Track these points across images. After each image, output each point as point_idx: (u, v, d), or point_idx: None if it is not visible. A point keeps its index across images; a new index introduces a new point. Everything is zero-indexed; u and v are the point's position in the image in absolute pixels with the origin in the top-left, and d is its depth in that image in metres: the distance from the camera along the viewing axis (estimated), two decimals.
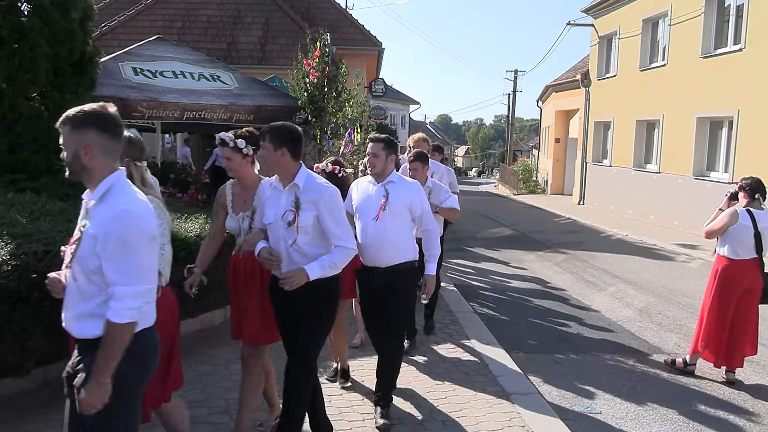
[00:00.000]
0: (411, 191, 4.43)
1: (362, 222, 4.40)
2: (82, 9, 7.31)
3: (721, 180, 14.25)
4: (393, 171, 4.48)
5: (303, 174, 3.62)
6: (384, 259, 4.35)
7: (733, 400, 5.32)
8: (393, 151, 4.43)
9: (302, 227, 3.55)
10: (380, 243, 4.34)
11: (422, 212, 4.46)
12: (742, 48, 13.91)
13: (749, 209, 5.55)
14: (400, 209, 4.38)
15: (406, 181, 4.55)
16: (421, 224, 4.49)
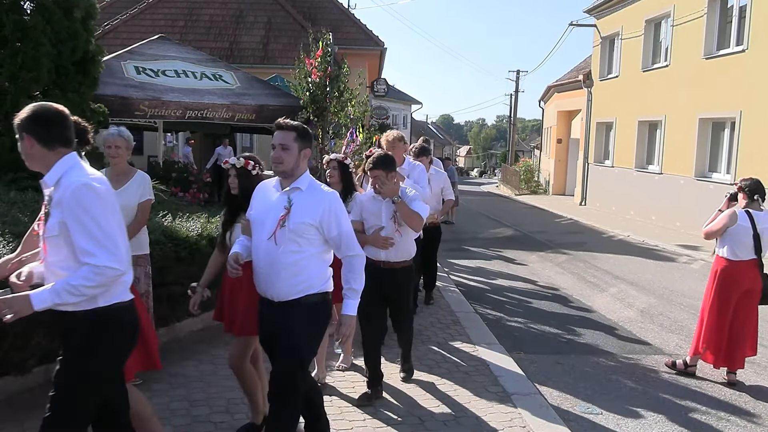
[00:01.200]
0: (323, 204, 3.33)
1: (254, 239, 3.44)
2: (84, 8, 7.32)
3: (723, 181, 14.24)
4: (306, 173, 3.44)
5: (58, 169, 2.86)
6: (278, 292, 3.35)
7: (734, 401, 5.32)
8: (308, 144, 3.44)
9: (47, 238, 2.78)
10: (274, 270, 3.33)
11: (339, 234, 3.34)
12: (744, 49, 13.90)
13: (748, 210, 5.55)
14: (304, 228, 3.30)
15: (320, 189, 3.42)
16: (339, 249, 3.39)
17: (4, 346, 4.17)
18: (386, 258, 4.74)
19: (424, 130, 57.52)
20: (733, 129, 14.43)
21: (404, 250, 4.82)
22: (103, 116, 7.78)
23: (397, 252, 4.77)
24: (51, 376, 4.52)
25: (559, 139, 28.74)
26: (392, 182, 4.57)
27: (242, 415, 4.38)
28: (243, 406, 4.53)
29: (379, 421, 4.44)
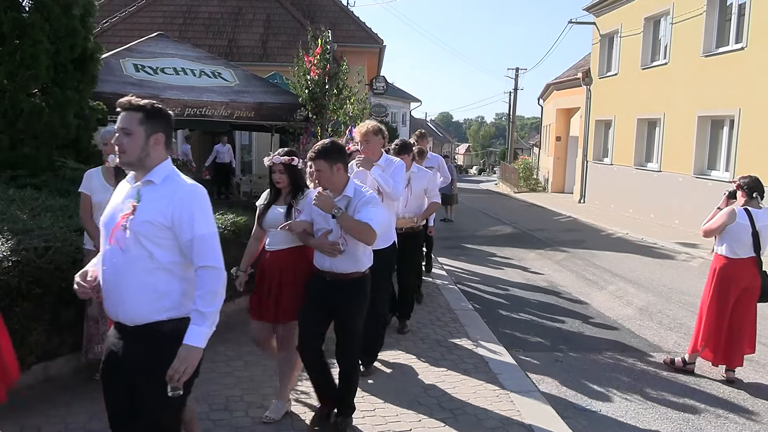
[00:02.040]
0: (175, 199, 2.68)
1: (102, 246, 2.78)
2: (83, 5, 7.32)
3: (722, 179, 14.24)
4: (164, 164, 2.77)
5: None
6: (125, 313, 2.69)
7: (732, 398, 5.33)
8: (160, 128, 2.75)
9: None
10: (117, 284, 2.68)
11: (192, 238, 2.66)
12: (743, 47, 13.90)
13: (747, 208, 5.56)
14: (152, 229, 2.65)
15: (177, 182, 2.76)
16: (191, 257, 2.68)
17: None
18: (331, 267, 4.06)
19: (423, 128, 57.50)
20: (732, 127, 14.44)
21: (354, 260, 4.09)
22: (102, 114, 7.78)
23: (345, 261, 4.06)
24: (50, 375, 4.55)
25: (558, 136, 28.74)
26: (338, 175, 3.99)
27: (241, 413, 4.39)
28: (242, 403, 4.54)
29: (378, 419, 4.45)
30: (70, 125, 7.08)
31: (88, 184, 4.78)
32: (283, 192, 4.30)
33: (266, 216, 4.28)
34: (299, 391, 4.80)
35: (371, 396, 4.84)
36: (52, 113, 6.87)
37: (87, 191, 4.77)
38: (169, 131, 2.81)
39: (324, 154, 3.95)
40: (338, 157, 4.01)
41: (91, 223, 4.72)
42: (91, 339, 4.78)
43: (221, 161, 15.64)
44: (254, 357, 5.31)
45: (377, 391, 4.94)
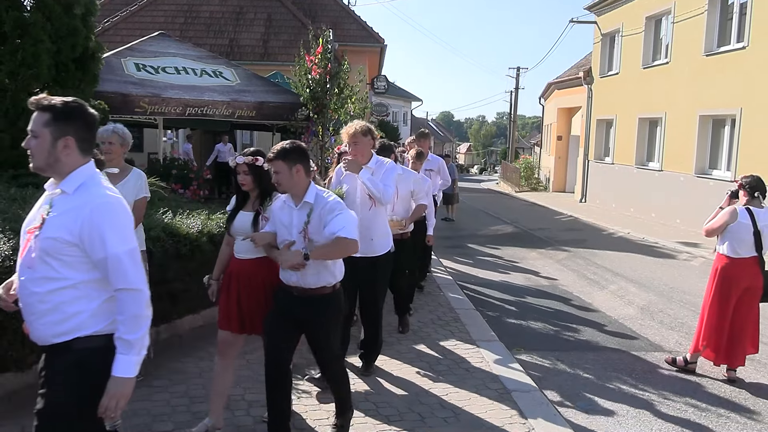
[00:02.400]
0: (83, 213, 2.41)
1: None
2: (84, 5, 7.30)
3: (724, 178, 14.23)
4: (80, 169, 2.51)
5: None
6: (36, 334, 2.51)
7: (734, 398, 5.33)
8: (68, 131, 2.46)
9: None
10: (24, 301, 2.51)
11: (106, 257, 2.40)
12: (745, 46, 13.88)
13: (749, 207, 5.55)
14: (58, 246, 2.41)
15: (89, 193, 2.49)
16: (107, 277, 2.44)
17: (3, 343, 4.17)
18: (298, 282, 3.75)
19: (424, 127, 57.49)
20: (733, 126, 14.42)
21: (321, 274, 3.75)
22: (103, 113, 7.77)
23: (313, 275, 3.72)
24: None
25: (559, 136, 28.72)
26: (298, 178, 3.66)
27: (242, 412, 4.40)
28: (243, 402, 4.55)
29: (380, 418, 4.45)
30: None
31: None
32: (251, 196, 3.99)
33: (234, 222, 3.99)
34: (300, 390, 4.80)
35: (373, 395, 4.85)
36: None
37: None
38: (84, 134, 2.50)
39: (282, 155, 3.65)
40: (298, 158, 3.68)
41: None
42: None
43: (222, 160, 15.65)
44: (255, 356, 5.31)
45: (379, 390, 4.94)
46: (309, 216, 3.69)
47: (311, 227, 3.69)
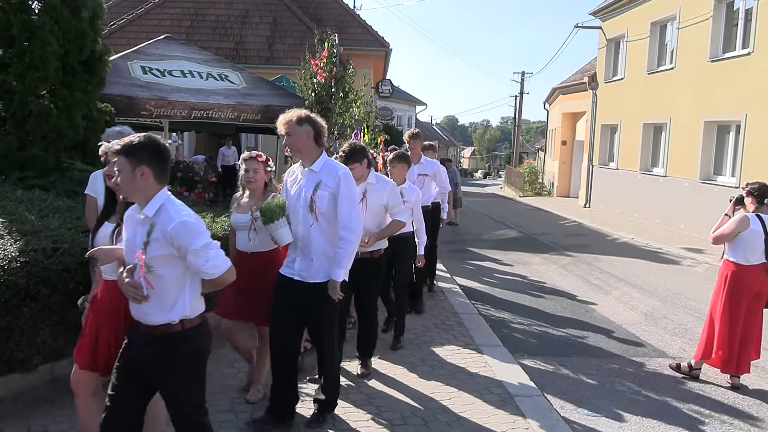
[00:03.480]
0: None
1: None
2: (92, 8, 7.37)
3: (728, 184, 14.21)
4: None
5: None
6: None
7: (737, 404, 5.31)
8: None
9: None
10: None
11: None
12: (750, 52, 13.88)
13: (759, 214, 5.54)
14: None
15: None
16: None
17: (9, 344, 4.19)
18: (138, 316, 3.01)
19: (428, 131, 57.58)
20: (738, 132, 14.41)
21: (163, 309, 2.95)
22: (110, 116, 7.83)
23: (153, 311, 2.96)
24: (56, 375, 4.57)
25: (563, 141, 28.70)
26: (142, 183, 2.91)
27: (246, 415, 4.40)
28: (247, 405, 4.55)
29: (383, 421, 4.46)
30: (78, 127, 7.12)
31: (93, 186, 4.80)
32: (119, 202, 3.33)
33: (97, 234, 3.37)
34: (303, 393, 4.81)
35: (376, 399, 4.85)
36: (60, 115, 6.91)
37: (93, 193, 4.78)
38: None
39: (127, 151, 2.90)
40: (147, 158, 2.92)
41: None
42: None
43: (226, 164, 15.70)
44: None
45: (382, 394, 4.95)
46: (149, 235, 2.89)
47: (150, 249, 2.88)
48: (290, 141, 4.03)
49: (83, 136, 7.26)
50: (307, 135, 4.02)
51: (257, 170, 4.52)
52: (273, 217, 3.97)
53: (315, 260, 4.07)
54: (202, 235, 2.90)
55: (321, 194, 4.02)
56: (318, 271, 4.07)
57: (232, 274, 2.99)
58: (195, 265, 2.89)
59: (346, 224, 4.02)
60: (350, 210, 4.03)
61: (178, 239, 2.86)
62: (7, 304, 4.09)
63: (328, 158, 4.17)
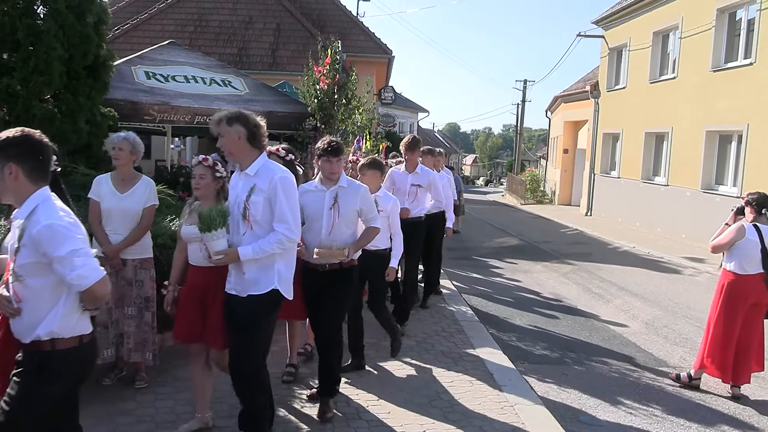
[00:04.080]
0: None
1: None
2: (97, 13, 7.39)
3: (730, 194, 14.22)
4: None
5: None
6: None
7: (738, 415, 5.31)
8: None
9: None
10: None
11: None
12: (752, 62, 13.91)
13: (756, 224, 5.56)
14: None
15: None
16: None
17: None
18: (14, 332, 2.77)
19: (430, 138, 57.64)
20: (740, 142, 14.42)
21: (29, 328, 2.68)
22: (113, 120, 7.85)
23: (21, 328, 2.71)
24: None
25: (565, 149, 28.74)
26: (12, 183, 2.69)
27: None
28: None
29: (384, 428, 4.45)
30: (82, 131, 7.14)
31: (97, 190, 4.83)
32: None
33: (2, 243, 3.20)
34: (304, 398, 4.81)
35: (377, 406, 4.85)
36: (64, 119, 6.94)
37: (96, 197, 4.82)
38: None
39: None
40: (16, 154, 2.68)
41: (100, 229, 4.77)
42: (100, 344, 4.79)
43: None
44: None
45: (382, 402, 4.95)
46: (19, 240, 2.65)
47: (20, 256, 2.65)
48: (222, 143, 3.75)
49: (87, 140, 7.29)
50: (239, 135, 3.69)
51: (203, 176, 4.14)
52: (211, 225, 3.58)
53: (247, 273, 3.68)
54: (70, 241, 2.59)
55: (255, 200, 3.64)
56: (251, 284, 3.69)
57: (105, 287, 2.66)
58: (61, 275, 2.59)
59: (283, 220, 3.64)
60: (288, 212, 3.65)
61: (42, 245, 2.58)
62: None
63: (267, 161, 3.79)
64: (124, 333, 4.86)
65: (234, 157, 3.76)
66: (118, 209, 4.78)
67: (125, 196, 4.80)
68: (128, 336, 4.85)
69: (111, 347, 4.84)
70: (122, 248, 4.76)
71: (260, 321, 3.73)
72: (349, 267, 4.63)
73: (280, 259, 3.72)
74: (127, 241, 4.77)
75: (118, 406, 4.55)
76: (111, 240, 4.76)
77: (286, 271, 3.78)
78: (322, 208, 4.50)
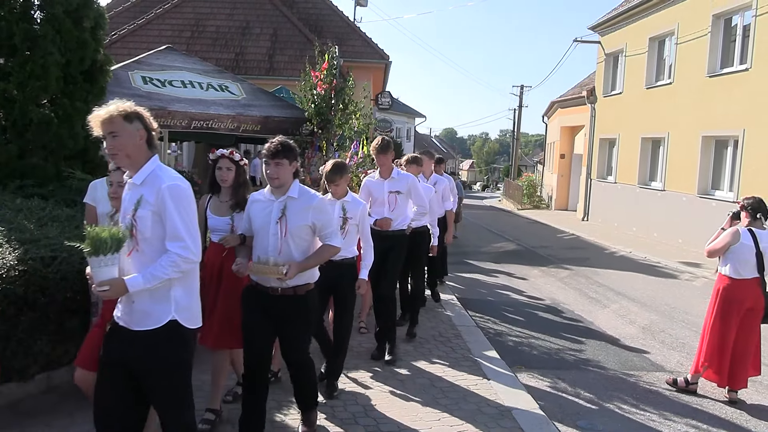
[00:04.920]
0: None
1: None
2: (94, 18, 7.40)
3: (726, 199, 14.25)
4: None
5: None
6: None
7: (734, 419, 5.31)
8: None
9: None
10: None
11: None
12: (748, 68, 13.96)
13: (751, 229, 5.58)
14: None
15: None
16: None
17: (6, 353, 4.18)
18: None
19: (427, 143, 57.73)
20: (736, 147, 14.47)
21: None
22: None
23: None
24: (54, 384, 4.56)
25: (562, 154, 28.80)
26: None
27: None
28: None
29: None
30: (78, 136, 7.14)
31: (92, 194, 4.82)
32: None
33: None
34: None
35: (374, 410, 4.84)
36: (60, 124, 6.93)
37: (92, 202, 4.80)
38: None
39: None
40: None
41: None
42: None
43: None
44: None
45: (380, 406, 4.94)
46: None
47: None
48: (116, 144, 3.07)
49: (83, 145, 7.28)
50: (140, 135, 3.10)
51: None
52: (100, 248, 2.86)
53: (137, 303, 3.02)
54: None
55: (142, 214, 3.00)
56: (142, 316, 3.01)
57: None
58: None
59: (177, 237, 3.00)
60: (181, 227, 3.00)
61: None
62: (4, 312, 4.09)
63: (159, 167, 3.13)
64: None
65: (129, 160, 3.08)
66: None
67: None
68: None
69: None
70: None
71: (157, 362, 3.04)
72: (302, 294, 3.98)
73: (177, 284, 3.05)
74: None
75: None
76: None
77: (186, 297, 3.10)
78: (269, 222, 3.91)
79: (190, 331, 3.11)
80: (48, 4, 7.00)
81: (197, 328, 3.19)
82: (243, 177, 4.52)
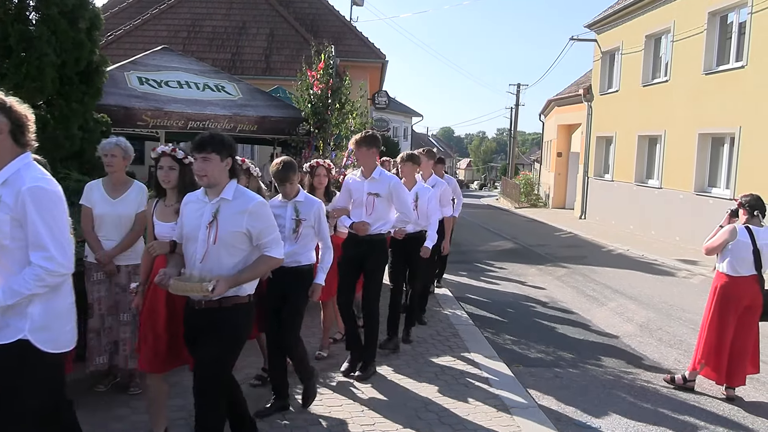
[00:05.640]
0: None
1: None
2: (89, 19, 7.39)
3: (723, 196, 14.28)
4: None
5: None
6: None
7: (732, 416, 5.32)
8: None
9: None
10: None
11: None
12: (744, 65, 13.99)
13: (748, 226, 5.59)
14: None
15: None
16: None
17: None
18: None
19: (424, 142, 57.73)
20: (732, 144, 14.49)
21: None
22: (106, 126, 7.84)
23: None
24: None
25: (559, 152, 28.82)
26: None
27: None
28: None
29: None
30: (75, 137, 7.13)
31: (88, 196, 4.81)
32: None
33: None
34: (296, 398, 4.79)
35: (372, 410, 4.84)
36: (56, 125, 6.92)
37: (87, 203, 4.80)
38: None
39: None
40: None
41: (92, 235, 4.76)
42: (93, 351, 4.79)
43: None
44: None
45: (377, 406, 4.94)
46: None
47: None
48: None
49: (79, 146, 7.27)
50: (0, 129, 2.77)
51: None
52: None
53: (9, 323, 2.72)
54: None
55: (0, 218, 2.68)
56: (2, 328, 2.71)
57: None
58: None
59: (40, 246, 2.68)
60: (45, 234, 2.69)
61: None
62: None
63: (27, 165, 2.83)
64: (119, 340, 4.83)
65: None
66: (111, 215, 4.75)
67: (117, 202, 4.78)
68: (124, 342, 4.82)
69: (104, 354, 4.82)
70: (115, 254, 4.75)
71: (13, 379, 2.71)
72: (229, 306, 3.45)
73: (37, 300, 2.72)
74: (120, 247, 4.76)
75: (112, 412, 4.52)
76: (104, 246, 4.75)
77: (44, 316, 2.74)
78: (199, 226, 3.45)
79: (45, 355, 2.70)
80: (43, 5, 6.98)
81: (61, 353, 2.79)
82: (189, 177, 3.84)
